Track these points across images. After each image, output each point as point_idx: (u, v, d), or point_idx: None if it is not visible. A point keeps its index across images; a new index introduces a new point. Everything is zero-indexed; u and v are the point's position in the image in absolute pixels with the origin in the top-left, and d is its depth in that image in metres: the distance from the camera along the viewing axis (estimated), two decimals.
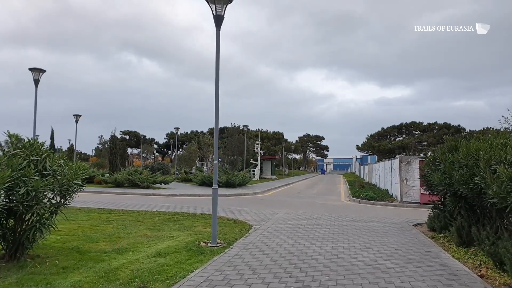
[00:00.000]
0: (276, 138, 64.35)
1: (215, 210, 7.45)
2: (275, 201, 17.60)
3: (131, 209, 12.72)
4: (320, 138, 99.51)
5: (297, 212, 12.61)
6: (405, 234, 8.85)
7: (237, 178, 24.52)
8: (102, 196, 18.62)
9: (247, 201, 17.09)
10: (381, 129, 60.19)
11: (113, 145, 26.18)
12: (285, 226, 9.66)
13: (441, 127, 55.36)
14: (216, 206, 7.50)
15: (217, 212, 12.21)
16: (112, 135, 26.17)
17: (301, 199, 18.85)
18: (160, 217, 10.77)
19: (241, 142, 30.50)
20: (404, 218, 11.71)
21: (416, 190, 17.32)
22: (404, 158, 18.04)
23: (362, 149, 61.61)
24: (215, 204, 7.49)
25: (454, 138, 9.16)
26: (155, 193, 20.09)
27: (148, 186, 23.13)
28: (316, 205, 16.17)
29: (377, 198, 18.10)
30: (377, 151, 54.06)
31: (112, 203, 14.49)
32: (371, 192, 19.80)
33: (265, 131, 65.55)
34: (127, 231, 8.53)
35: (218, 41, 7.67)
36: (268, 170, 44.65)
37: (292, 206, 15.10)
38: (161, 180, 23.91)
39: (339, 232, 8.90)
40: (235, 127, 33.68)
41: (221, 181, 24.28)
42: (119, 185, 23.68)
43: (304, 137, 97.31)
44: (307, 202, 17.22)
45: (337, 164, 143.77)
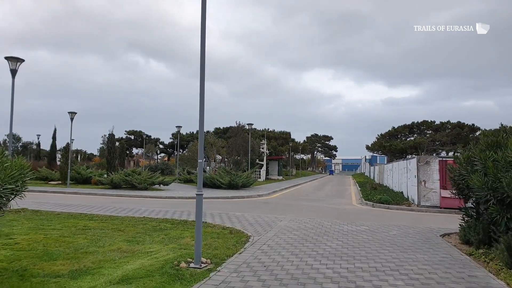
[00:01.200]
0: (283, 138, 62.70)
1: (199, 222, 5.97)
2: (280, 204, 16.11)
3: (117, 214, 11.33)
4: (328, 138, 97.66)
5: (304, 219, 11.10)
6: (435, 249, 7.30)
7: (241, 179, 23.08)
8: (94, 198, 17.30)
9: (249, 205, 15.63)
10: (392, 129, 58.25)
11: (111, 144, 24.89)
12: (289, 237, 8.17)
13: (454, 126, 53.29)
14: (201, 216, 6.02)
15: (213, 218, 10.79)
16: (110, 134, 24.87)
17: (308, 203, 17.33)
18: (146, 224, 9.35)
19: (246, 142, 28.99)
20: (427, 227, 10.14)
21: (436, 193, 15.70)
22: (422, 158, 16.41)
23: (372, 149, 59.72)
24: (199, 213, 6.01)
25: (494, 132, 7.60)
26: (152, 195, 18.74)
27: (146, 187, 21.80)
28: (325, 209, 14.65)
29: (392, 201, 16.51)
30: (388, 151, 52.17)
31: (100, 207, 13.13)
32: (385, 195, 18.19)
33: (272, 131, 63.96)
34: (99, 244, 7.12)
35: None
36: (274, 171, 43.14)
37: (298, 211, 13.60)
38: (160, 181, 22.56)
39: (354, 246, 7.39)
40: (239, 126, 32.20)
41: (224, 183, 22.86)
42: (116, 187, 22.40)
43: (312, 137, 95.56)
44: (315, 206, 15.70)
45: (345, 165, 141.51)
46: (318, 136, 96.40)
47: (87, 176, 25.28)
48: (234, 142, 31.04)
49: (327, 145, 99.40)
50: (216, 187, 23.66)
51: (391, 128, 58.21)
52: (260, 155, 38.65)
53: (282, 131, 65.66)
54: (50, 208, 12.51)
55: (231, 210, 13.20)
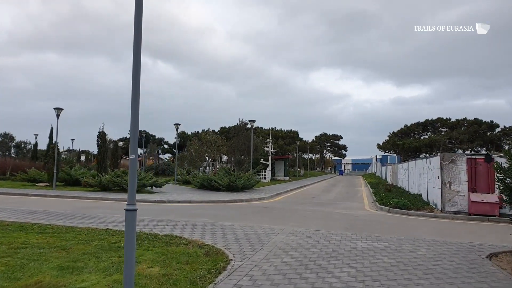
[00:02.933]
0: (290, 137, 60.41)
1: (129, 258, 3.92)
2: (281, 210, 14.02)
3: (80, 224, 9.37)
4: (337, 137, 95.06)
5: (307, 231, 9.00)
6: (491, 282, 5.15)
7: (241, 180, 21.01)
8: (74, 202, 15.40)
9: (245, 210, 13.57)
10: (404, 127, 55.58)
11: (102, 143, 23.05)
12: (283, 262, 6.09)
13: (472, 124, 50.46)
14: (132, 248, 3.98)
15: (193, 231, 8.74)
16: (100, 132, 23.00)
17: (315, 207, 15.21)
18: (103, 240, 7.35)
19: (249, 140, 26.96)
20: (463, 242, 7.96)
21: (463, 197, 13.46)
22: (447, 156, 14.17)
23: (383, 148, 57.10)
24: (129, 243, 3.97)
25: None
26: (140, 198, 16.78)
27: (137, 190, 19.83)
28: (334, 216, 12.51)
29: (411, 206, 14.30)
30: (401, 150, 49.52)
31: (68, 215, 11.20)
32: (402, 198, 15.98)
33: (279, 130, 61.72)
34: (18, 274, 5.14)
35: None
36: (280, 171, 41.03)
37: (301, 219, 11.50)
38: (152, 183, 20.62)
39: (372, 278, 5.29)
40: (242, 123, 30.15)
41: (222, 184, 20.84)
42: (106, 189, 20.55)
43: (321, 136, 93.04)
44: (322, 212, 13.56)
45: (355, 165, 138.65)
46: (327, 135, 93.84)
47: (77, 177, 23.47)
48: (237, 140, 29.05)
49: (336, 145, 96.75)
50: (214, 189, 21.65)
51: (403, 126, 55.54)
52: (265, 154, 36.55)
53: (289, 130, 63.34)
54: (5, 216, 10.62)
55: (221, 219, 11.17)
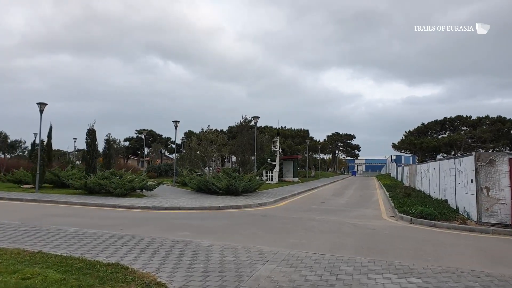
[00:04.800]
0: (300, 136, 57.83)
1: None
2: (282, 219, 11.74)
3: (8, 245, 7.25)
4: (350, 136, 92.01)
5: (308, 255, 6.73)
6: None
7: (241, 183, 18.78)
8: (43, 208, 13.40)
9: (238, 220, 11.34)
10: (421, 125, 52.50)
11: (91, 141, 21.08)
12: None
13: (494, 121, 47.14)
14: None
15: (153, 256, 6.57)
16: (90, 129, 21.00)
17: (323, 216, 12.88)
18: (11, 275, 5.20)
19: (253, 138, 24.69)
20: None
21: (506, 206, 10.99)
22: (484, 156, 11.68)
23: (399, 147, 54.04)
24: None
25: None
26: (123, 204, 14.75)
27: (124, 193, 17.83)
28: (345, 229, 10.19)
29: (438, 216, 11.86)
30: (419, 149, 46.48)
31: (14, 227, 9.14)
32: (426, 206, 13.54)
33: (288, 129, 59.26)
34: None
35: None
36: (289, 172, 38.66)
37: (304, 233, 9.22)
38: (142, 185, 18.55)
39: None
40: (245, 120, 27.86)
41: (220, 187, 18.65)
42: (92, 192, 18.59)
43: (333, 135, 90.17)
44: (332, 223, 11.23)
45: (368, 165, 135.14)
46: (340, 134, 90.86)
47: (63, 179, 21.55)
48: (240, 139, 26.83)
49: (349, 144, 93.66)
50: (212, 193, 19.47)
51: (420, 125, 52.46)
52: (272, 154, 34.24)
53: (299, 129, 60.75)
54: None
55: (203, 233, 8.97)
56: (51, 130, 38.98)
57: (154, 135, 70.59)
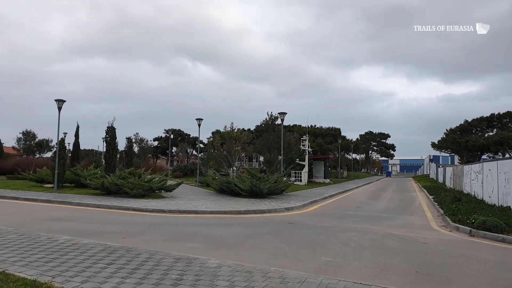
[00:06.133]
0: (331, 135, 55.35)
1: None
2: (312, 229, 9.98)
3: None
4: (385, 136, 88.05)
5: (347, 285, 4.98)
6: None
7: (266, 184, 17.13)
8: (53, 211, 12.35)
9: (259, 229, 9.68)
10: (464, 122, 48.69)
11: (111, 139, 20.15)
12: None
13: None
14: None
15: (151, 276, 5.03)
16: (109, 127, 20.08)
17: (360, 224, 11.00)
18: None
19: (279, 136, 22.96)
20: None
21: None
22: None
23: (440, 146, 50.32)
24: None
25: None
26: (137, 206, 13.50)
27: (142, 194, 16.65)
28: (390, 243, 8.30)
29: (506, 228, 9.69)
30: (464, 148, 42.84)
31: (4, 233, 7.97)
32: (487, 214, 11.33)
33: (318, 127, 56.90)
34: None
35: None
36: (320, 173, 36.58)
37: (339, 249, 7.44)
38: (160, 186, 17.31)
39: None
40: (270, 117, 26.10)
41: (243, 189, 17.09)
42: (110, 192, 17.59)
43: (366, 134, 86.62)
44: (372, 235, 9.34)
45: (403, 166, 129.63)
46: (373, 133, 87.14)
47: (83, 178, 20.73)
48: (266, 138, 25.16)
49: (383, 144, 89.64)
50: (235, 195, 17.97)
51: (463, 122, 48.67)
52: (301, 153, 32.33)
53: (330, 127, 58.21)
54: None
55: (215, 246, 7.42)
56: (78, 130, 38.99)
57: (182, 135, 70.26)
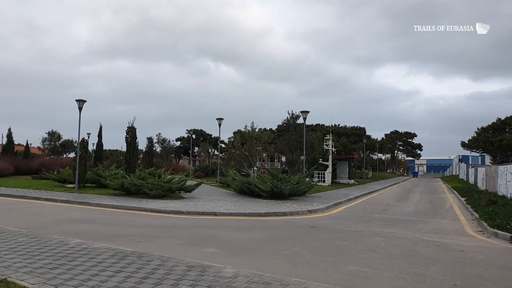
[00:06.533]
0: (356, 134, 54.05)
1: None
2: (336, 233, 9.35)
3: None
4: (411, 135, 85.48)
5: None
6: None
7: (287, 185, 16.55)
8: (70, 211, 12.24)
9: (279, 233, 9.14)
10: (497, 120, 46.37)
11: (131, 139, 20.09)
12: None
13: None
14: None
15: None
16: (129, 127, 20.04)
17: (388, 228, 10.27)
18: None
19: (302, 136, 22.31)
20: None
21: None
22: None
23: (470, 146, 48.12)
24: None
25: None
26: (154, 208, 13.22)
27: (162, 195, 16.43)
28: (422, 251, 7.58)
29: None
30: (497, 148, 40.73)
31: (15, 235, 7.77)
32: None
33: (342, 126, 55.68)
34: None
35: None
36: (344, 173, 35.61)
37: (367, 256, 6.81)
38: (179, 187, 17.03)
39: None
40: (292, 116, 25.44)
41: (264, 190, 16.58)
42: (130, 193, 17.48)
43: (391, 134, 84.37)
44: (402, 240, 8.62)
45: (431, 166, 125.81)
46: (399, 133, 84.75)
47: (104, 178, 20.76)
48: (288, 137, 24.54)
49: (409, 143, 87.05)
50: (255, 196, 17.48)
51: (495, 120, 46.39)
52: (325, 153, 31.51)
53: (354, 126, 56.92)
54: None
55: (232, 252, 6.94)
56: (101, 130, 39.63)
57: (204, 135, 70.51)
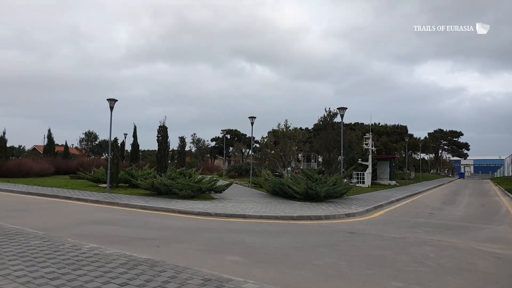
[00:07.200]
0: (397, 133, 51.45)
1: None
2: (377, 240, 8.28)
3: None
4: (457, 134, 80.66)
5: None
6: None
7: (323, 186, 15.51)
8: (96, 212, 11.99)
9: (313, 240, 8.20)
10: None
11: (163, 139, 19.86)
12: None
13: None
14: None
15: None
16: (161, 126, 19.82)
17: (436, 236, 9.03)
18: None
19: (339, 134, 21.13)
20: None
21: None
22: None
23: None
24: None
25: None
26: (181, 209, 12.69)
27: (192, 195, 15.94)
28: (481, 264, 6.38)
29: None
30: None
31: (21, 240, 7.41)
32: None
33: (383, 125, 53.23)
34: None
35: None
36: (385, 174, 33.77)
37: (415, 270, 5.76)
38: (209, 187, 16.47)
39: None
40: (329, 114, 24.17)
41: (298, 191, 15.64)
42: (160, 193, 17.18)
43: (435, 133, 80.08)
44: (454, 250, 7.42)
45: (478, 166, 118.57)
46: (444, 131, 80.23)
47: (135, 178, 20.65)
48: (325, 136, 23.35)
49: (455, 142, 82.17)
50: (288, 197, 16.58)
51: None
52: (364, 153, 29.95)
53: (395, 125, 54.24)
54: None
55: (257, 261, 6.14)
56: (135, 131, 40.19)
57: (238, 135, 70.36)
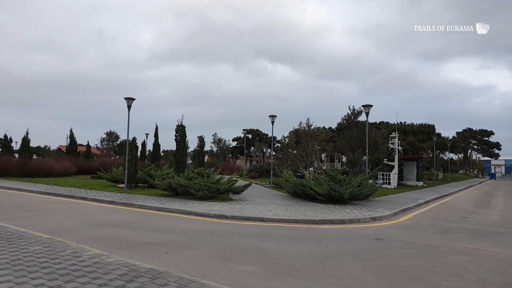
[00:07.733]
0: (424, 132, 49.45)
1: None
2: (405, 248, 7.44)
3: None
4: (487, 133, 77.18)
5: None
6: None
7: (347, 188, 14.64)
8: (110, 213, 11.62)
9: (335, 248, 7.46)
10: None
11: (181, 138, 19.45)
12: None
13: None
14: None
15: None
16: (179, 125, 19.42)
17: (473, 243, 8.08)
18: None
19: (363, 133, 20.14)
20: None
21: None
22: None
23: None
24: None
25: None
26: (197, 211, 12.17)
27: (209, 196, 15.42)
28: None
29: None
30: None
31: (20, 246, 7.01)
32: None
33: (409, 124, 51.31)
34: None
35: None
36: (412, 175, 32.34)
37: (451, 286, 4.96)
38: (227, 188, 15.90)
39: None
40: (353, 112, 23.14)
41: (320, 193, 14.84)
42: (178, 193, 16.75)
43: (464, 132, 76.91)
44: (496, 261, 6.52)
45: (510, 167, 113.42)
46: (473, 130, 76.94)
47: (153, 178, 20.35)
48: (349, 135, 22.38)
49: (485, 142, 78.64)
50: (310, 199, 15.80)
51: None
52: (390, 153, 28.70)
53: (422, 124, 52.18)
54: None
55: (272, 272, 5.50)
56: (157, 131, 40.33)
57: (260, 135, 69.75)
